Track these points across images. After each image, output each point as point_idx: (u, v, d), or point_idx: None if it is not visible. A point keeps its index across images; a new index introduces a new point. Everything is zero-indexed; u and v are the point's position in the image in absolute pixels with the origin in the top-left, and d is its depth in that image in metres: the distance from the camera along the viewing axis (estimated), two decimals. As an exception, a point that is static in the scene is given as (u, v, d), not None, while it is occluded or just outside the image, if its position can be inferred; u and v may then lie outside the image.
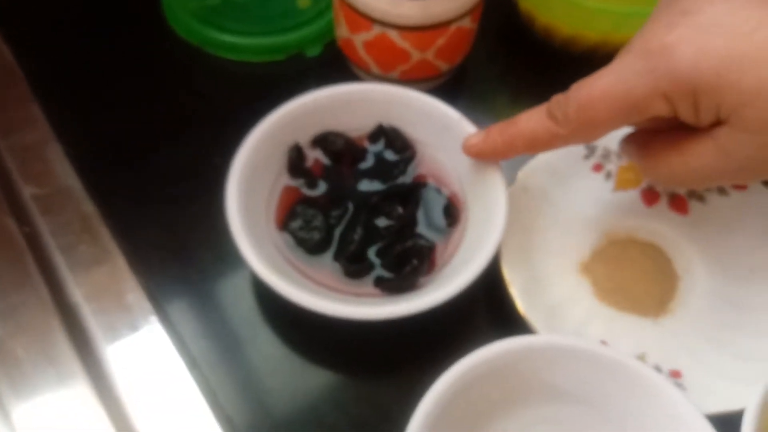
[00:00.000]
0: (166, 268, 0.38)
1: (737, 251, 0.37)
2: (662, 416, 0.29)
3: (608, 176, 0.39)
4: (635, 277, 0.38)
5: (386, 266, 0.35)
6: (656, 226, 0.39)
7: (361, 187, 0.37)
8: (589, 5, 0.41)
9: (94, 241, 0.37)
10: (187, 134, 0.43)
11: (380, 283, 0.34)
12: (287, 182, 0.37)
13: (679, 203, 0.39)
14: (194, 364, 0.35)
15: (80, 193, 0.39)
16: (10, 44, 0.45)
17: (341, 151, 0.38)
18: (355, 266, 0.34)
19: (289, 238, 0.35)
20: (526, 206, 0.37)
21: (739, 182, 0.37)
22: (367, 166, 0.38)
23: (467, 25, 0.40)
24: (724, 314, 0.36)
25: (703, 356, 0.34)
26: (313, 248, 0.35)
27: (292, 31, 0.46)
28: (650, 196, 0.39)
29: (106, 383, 0.34)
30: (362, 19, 0.39)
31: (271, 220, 0.36)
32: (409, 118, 0.38)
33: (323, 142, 0.38)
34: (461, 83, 0.46)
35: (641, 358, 0.35)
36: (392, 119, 0.38)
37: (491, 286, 0.34)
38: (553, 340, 0.30)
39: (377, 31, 0.39)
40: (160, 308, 0.36)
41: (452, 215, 0.36)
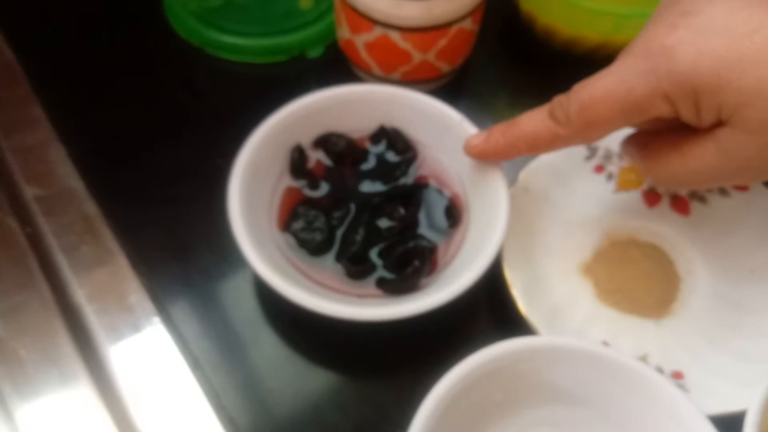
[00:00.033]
0: (168, 268, 0.38)
1: (739, 252, 0.37)
2: (664, 417, 0.29)
3: (610, 177, 0.39)
4: (637, 278, 0.38)
5: (388, 267, 0.35)
6: (658, 227, 0.39)
7: (362, 188, 0.37)
8: (589, 7, 0.41)
9: (96, 241, 0.37)
10: (188, 135, 0.43)
11: (382, 284, 0.34)
12: (289, 183, 0.37)
13: (680, 204, 0.39)
14: (196, 364, 0.35)
15: (82, 193, 0.39)
16: (11, 45, 0.45)
17: (343, 152, 0.38)
18: (356, 267, 0.34)
19: (291, 239, 0.35)
20: (527, 207, 0.37)
21: (740, 183, 0.37)
22: (368, 167, 0.38)
23: (468, 26, 0.40)
24: (725, 315, 0.36)
25: (704, 357, 0.34)
26: (315, 249, 0.35)
27: (293, 32, 0.46)
28: (652, 197, 0.39)
29: (108, 384, 0.34)
30: (364, 20, 0.39)
31: (273, 221, 0.36)
32: (410, 119, 0.38)
33: (325, 143, 0.38)
34: (462, 84, 0.46)
35: (643, 359, 0.35)
36: (394, 120, 0.38)
37: (493, 287, 0.34)
38: (554, 341, 0.30)
39: (379, 32, 0.39)
40: (162, 309, 0.36)
41: (454, 216, 0.36)
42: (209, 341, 0.36)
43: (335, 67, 0.46)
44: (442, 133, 0.37)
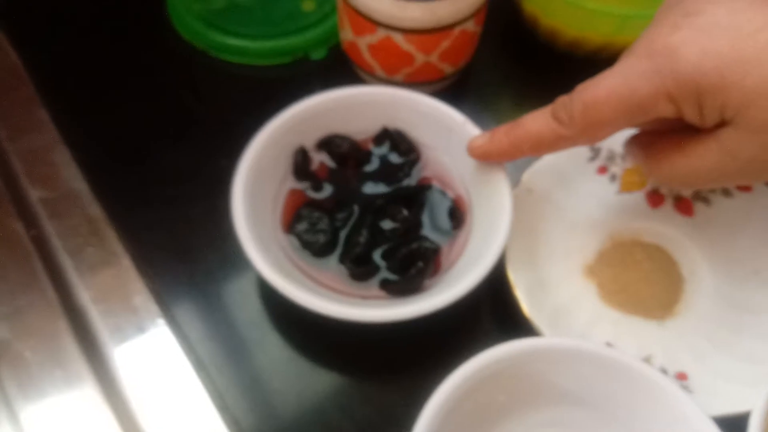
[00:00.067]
0: (172, 270, 0.38)
1: (743, 253, 0.37)
2: (668, 418, 0.29)
3: (613, 178, 0.39)
4: (640, 279, 0.38)
5: (391, 269, 0.35)
6: (661, 228, 0.39)
7: (366, 189, 0.37)
8: (592, 8, 0.41)
9: (101, 243, 0.38)
10: (192, 137, 0.43)
11: (385, 285, 0.34)
12: (293, 185, 0.37)
13: (684, 205, 0.39)
14: (201, 366, 0.35)
15: (87, 196, 0.39)
16: (16, 48, 0.46)
17: (346, 154, 0.38)
18: (360, 269, 0.34)
19: (294, 240, 0.35)
20: (530, 208, 0.37)
21: (743, 183, 0.37)
22: (372, 168, 0.38)
23: (471, 28, 0.40)
24: (729, 316, 0.36)
25: (709, 358, 0.34)
26: (318, 251, 0.35)
27: (296, 34, 0.46)
28: (655, 198, 0.39)
29: (113, 385, 0.34)
30: (367, 22, 0.39)
31: (276, 222, 0.36)
32: (413, 120, 0.38)
33: (328, 145, 0.38)
34: (465, 86, 0.46)
35: (647, 360, 0.35)
36: (397, 122, 0.38)
37: (496, 288, 0.34)
38: (558, 342, 0.30)
39: (382, 34, 0.39)
40: (167, 310, 0.36)
41: (457, 218, 0.36)
42: (213, 342, 0.36)
43: (338, 69, 0.46)
44: (445, 134, 0.37)
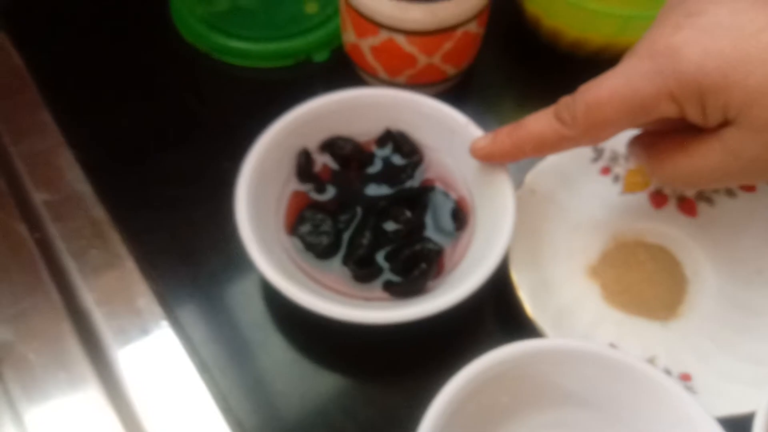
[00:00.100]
0: (176, 272, 0.38)
1: (746, 253, 0.37)
2: (672, 419, 0.29)
3: (616, 179, 0.39)
4: (644, 279, 0.38)
5: (395, 270, 0.35)
6: (665, 228, 0.39)
7: (369, 191, 0.38)
8: (594, 9, 0.41)
9: (104, 246, 0.38)
10: (196, 140, 0.43)
11: (389, 287, 0.34)
12: (296, 187, 0.37)
13: (687, 206, 0.39)
14: (204, 367, 0.35)
15: (91, 198, 0.39)
16: (20, 50, 0.46)
17: (349, 155, 0.38)
18: (363, 270, 0.34)
19: (298, 242, 0.35)
20: (533, 209, 0.37)
21: (746, 182, 0.37)
22: (375, 170, 0.38)
23: (474, 29, 0.41)
24: (733, 317, 0.36)
25: (712, 359, 0.34)
26: (321, 253, 0.35)
27: (299, 36, 0.46)
28: (658, 198, 0.39)
29: (117, 387, 0.34)
30: (369, 24, 0.39)
31: (280, 224, 0.36)
32: (416, 122, 0.38)
33: (331, 147, 0.38)
34: (468, 87, 0.46)
35: (651, 361, 0.35)
36: (399, 124, 0.38)
37: (499, 289, 0.34)
38: (561, 343, 0.30)
39: (384, 36, 0.39)
40: (170, 312, 0.36)
41: (460, 219, 0.36)
42: (217, 344, 0.36)
43: (341, 71, 0.46)
44: (448, 136, 0.37)
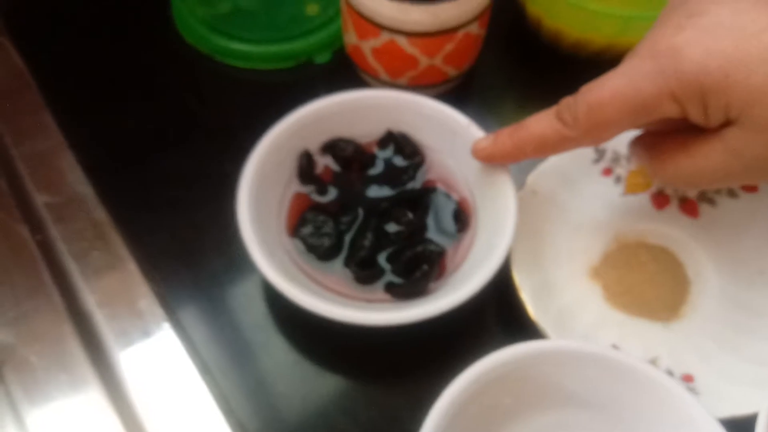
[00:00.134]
0: (178, 274, 0.38)
1: (748, 253, 0.37)
2: (674, 421, 0.29)
3: (618, 180, 0.39)
4: (646, 280, 0.38)
5: (396, 272, 0.35)
6: (666, 229, 0.39)
7: (370, 193, 0.38)
8: (595, 9, 0.41)
9: (106, 247, 0.38)
10: (197, 141, 0.43)
11: (390, 288, 0.34)
12: (297, 189, 0.37)
13: (689, 206, 0.39)
14: (206, 369, 0.35)
15: (92, 200, 0.39)
16: (21, 52, 0.46)
17: (351, 157, 0.38)
18: (365, 272, 0.34)
19: (299, 244, 0.35)
20: (535, 211, 0.37)
21: (748, 182, 0.37)
22: (376, 172, 0.38)
23: (475, 30, 0.41)
24: (735, 317, 0.36)
25: (715, 360, 0.34)
26: (323, 254, 0.35)
27: (300, 38, 0.46)
28: (660, 199, 0.39)
29: (118, 389, 0.34)
30: (370, 25, 0.39)
31: (281, 226, 0.36)
32: (417, 123, 0.38)
33: (333, 148, 0.38)
34: (469, 88, 0.46)
35: (653, 362, 0.35)
36: (401, 125, 0.38)
37: (501, 290, 0.34)
38: (564, 344, 0.30)
39: (385, 37, 0.39)
40: (172, 314, 0.36)
41: (462, 220, 0.36)
42: (218, 346, 0.36)
43: (342, 72, 0.46)
44: (449, 137, 0.37)
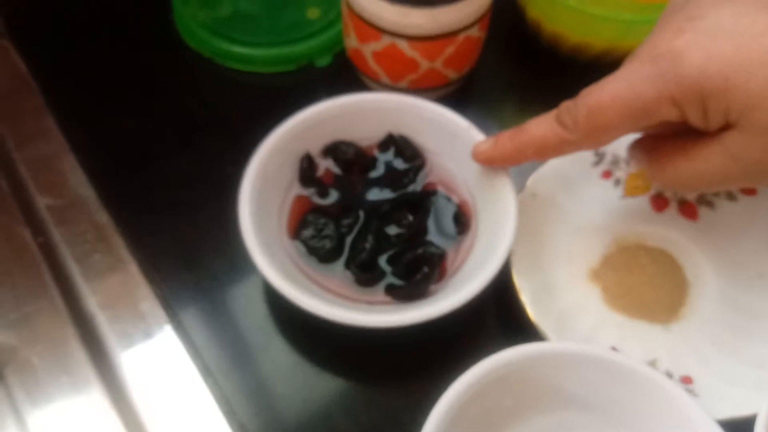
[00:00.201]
0: (179, 276, 0.38)
1: (747, 256, 0.37)
2: (673, 422, 0.29)
3: (617, 183, 0.39)
4: (645, 283, 0.38)
5: (397, 274, 0.35)
6: (666, 232, 0.39)
7: (371, 195, 0.38)
8: (595, 13, 0.41)
9: (108, 250, 0.38)
10: (199, 144, 0.43)
11: (391, 290, 0.34)
12: (299, 191, 0.37)
13: (688, 209, 0.39)
14: (207, 371, 0.35)
15: (94, 202, 0.39)
16: (23, 56, 0.46)
17: (352, 160, 0.38)
18: (366, 274, 0.35)
19: (300, 246, 0.36)
20: (535, 213, 0.37)
21: (747, 186, 0.37)
22: (377, 174, 0.38)
23: (475, 34, 0.41)
24: (734, 320, 0.36)
25: (714, 362, 0.34)
26: (324, 256, 0.35)
27: (301, 41, 0.46)
28: (659, 202, 0.39)
29: (120, 391, 0.34)
30: (371, 29, 0.39)
31: (283, 229, 0.36)
32: (418, 126, 0.38)
33: (334, 151, 0.38)
34: (469, 91, 0.46)
35: (652, 364, 0.35)
36: (402, 128, 0.38)
37: (502, 293, 0.34)
38: (563, 346, 0.30)
39: (386, 41, 0.39)
40: (173, 316, 0.36)
41: (462, 223, 0.36)
42: (220, 348, 0.36)
43: (343, 75, 0.46)
44: (449, 140, 0.37)
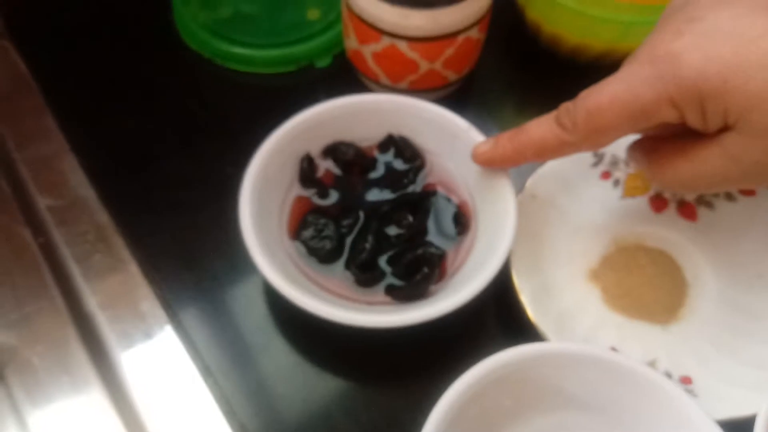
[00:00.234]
0: (179, 276, 0.38)
1: (746, 257, 0.37)
2: (673, 422, 0.29)
3: (616, 184, 0.40)
4: (644, 283, 0.38)
5: (397, 274, 0.35)
6: (665, 232, 0.39)
7: (371, 196, 0.38)
8: (595, 15, 0.41)
9: (108, 250, 0.38)
10: (199, 145, 0.43)
11: (391, 291, 0.34)
12: (299, 192, 0.38)
13: (687, 210, 0.39)
14: (207, 371, 0.35)
15: (94, 203, 0.40)
16: (24, 57, 0.46)
17: (352, 160, 0.38)
18: (366, 274, 0.35)
19: (301, 247, 0.36)
20: (534, 214, 0.37)
21: (746, 187, 0.37)
22: (377, 175, 0.38)
23: (475, 35, 0.41)
24: (734, 320, 0.36)
25: (713, 362, 0.34)
26: (324, 257, 0.35)
27: (301, 42, 0.47)
28: (658, 203, 0.39)
29: (120, 391, 0.34)
30: (371, 30, 0.39)
31: (283, 229, 0.36)
32: (418, 127, 0.38)
33: (334, 152, 0.38)
34: (469, 92, 0.46)
35: (651, 364, 0.35)
36: (402, 129, 0.39)
37: (501, 293, 0.34)
38: (563, 347, 0.30)
39: (386, 42, 0.39)
40: (173, 316, 0.36)
41: (462, 223, 0.36)
42: (220, 348, 0.36)
43: (343, 77, 0.46)
44: (449, 141, 0.37)
